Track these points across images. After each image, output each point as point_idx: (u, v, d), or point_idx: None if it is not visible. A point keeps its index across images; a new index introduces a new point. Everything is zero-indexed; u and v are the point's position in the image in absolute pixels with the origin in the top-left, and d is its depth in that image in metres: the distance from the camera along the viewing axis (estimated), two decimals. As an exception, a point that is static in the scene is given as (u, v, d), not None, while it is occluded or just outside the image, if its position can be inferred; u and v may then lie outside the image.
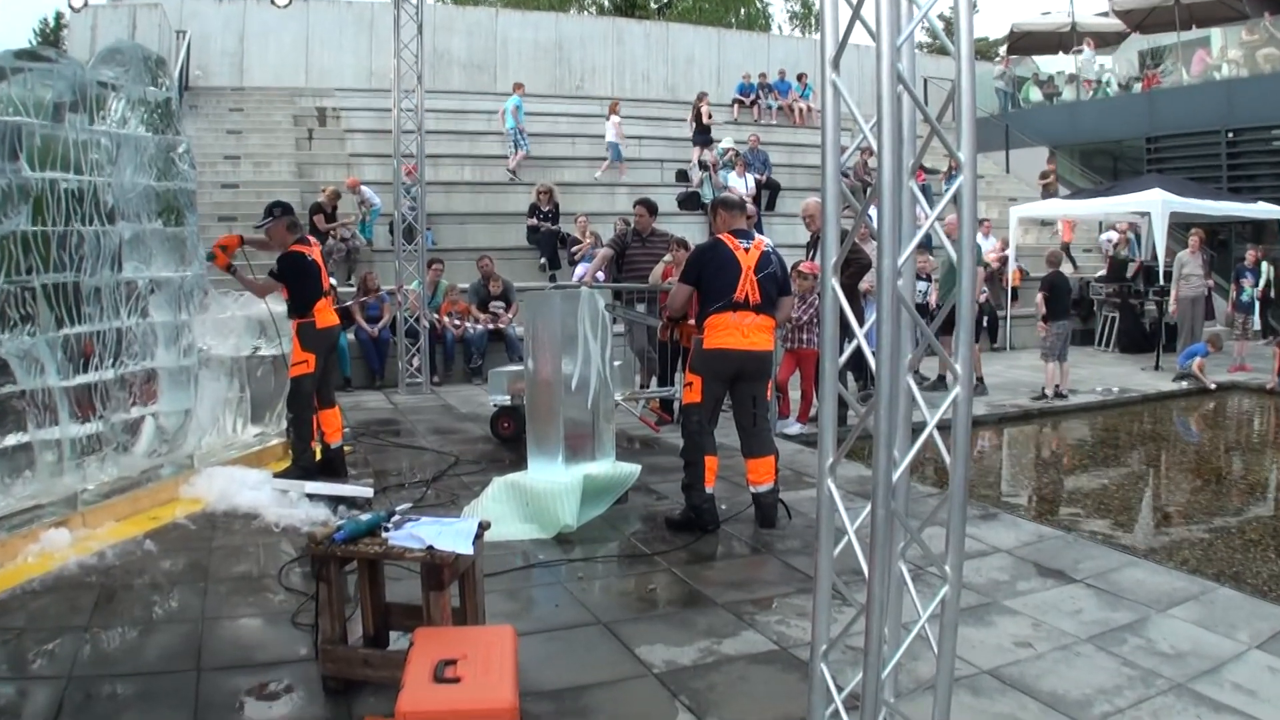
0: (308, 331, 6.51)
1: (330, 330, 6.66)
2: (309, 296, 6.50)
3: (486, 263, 12.41)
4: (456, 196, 16.66)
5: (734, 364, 5.41)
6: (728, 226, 5.60)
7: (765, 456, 5.53)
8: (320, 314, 6.56)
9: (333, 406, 6.83)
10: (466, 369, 12.05)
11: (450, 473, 6.98)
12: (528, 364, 5.94)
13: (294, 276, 6.48)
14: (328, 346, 6.68)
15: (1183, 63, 20.36)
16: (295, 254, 6.50)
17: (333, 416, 6.81)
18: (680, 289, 5.63)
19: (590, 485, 5.71)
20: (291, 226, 6.59)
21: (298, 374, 6.51)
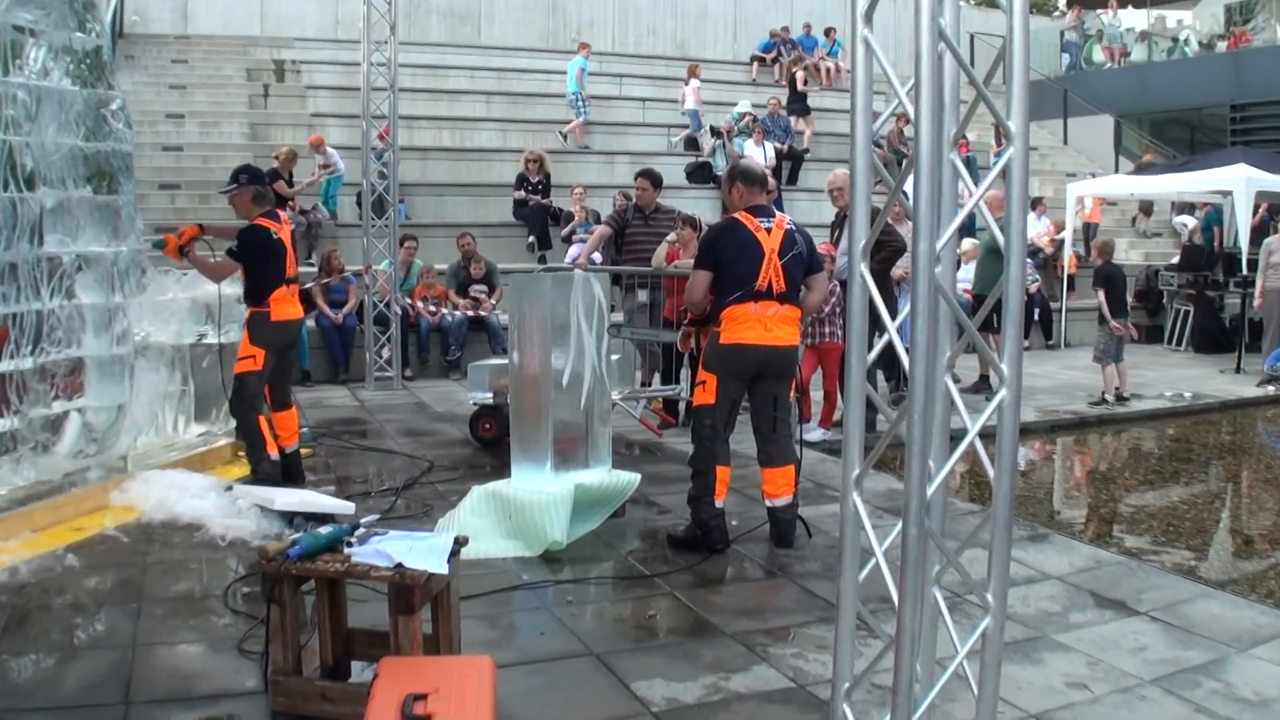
0: (260, 323, 6.45)
1: (288, 325, 6.59)
2: (267, 281, 6.44)
3: (467, 241, 12.43)
4: (434, 165, 16.67)
5: (754, 361, 5.42)
6: (745, 203, 5.57)
7: (785, 466, 5.54)
8: (278, 304, 6.47)
9: (289, 409, 6.82)
10: (443, 362, 12.07)
11: (423, 480, 7.00)
12: (512, 357, 5.95)
13: (252, 256, 6.43)
14: (283, 342, 6.63)
15: (1277, 19, 20.29)
16: (259, 229, 6.44)
17: (288, 419, 6.80)
18: (698, 278, 5.56)
19: (582, 496, 5.71)
20: (258, 198, 6.55)
21: (242, 370, 6.43)
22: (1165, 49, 22.81)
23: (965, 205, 2.45)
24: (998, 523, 2.42)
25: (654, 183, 9.21)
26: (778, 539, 5.57)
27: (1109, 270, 10.88)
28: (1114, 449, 9.72)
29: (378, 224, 11.48)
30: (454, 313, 12.00)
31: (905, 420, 2.35)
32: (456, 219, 15.21)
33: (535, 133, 17.94)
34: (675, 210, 9.47)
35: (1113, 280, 10.74)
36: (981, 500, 7.01)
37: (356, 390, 10.99)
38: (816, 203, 16.42)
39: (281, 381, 6.77)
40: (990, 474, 2.44)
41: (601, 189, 15.61)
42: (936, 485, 2.45)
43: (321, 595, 3.84)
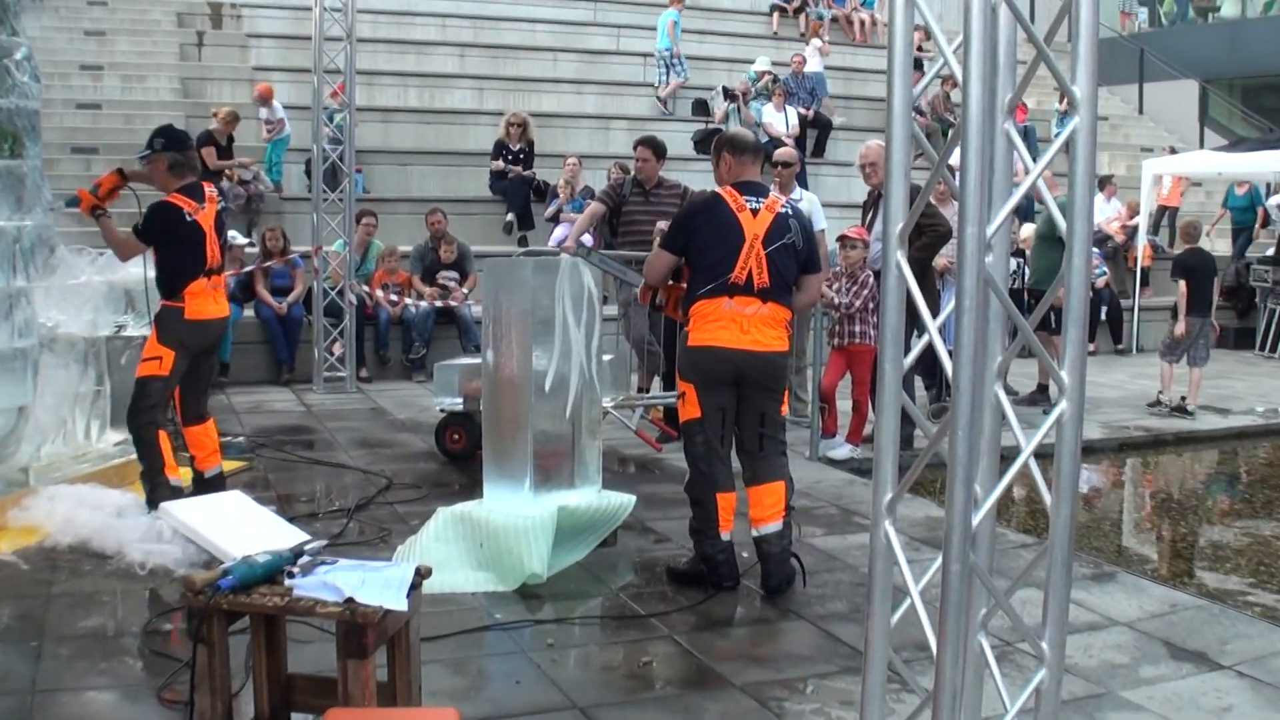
0: (170, 320, 6.25)
1: (205, 325, 6.36)
2: (180, 272, 6.26)
3: (437, 219, 12.45)
4: (397, 129, 16.68)
5: (727, 367, 5.38)
6: (735, 177, 5.57)
7: (773, 482, 5.48)
8: (194, 300, 6.28)
9: (203, 423, 6.55)
10: (405, 361, 12.07)
11: (380, 500, 7.00)
12: (486, 356, 5.95)
13: (160, 239, 6.28)
14: (199, 345, 6.39)
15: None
16: (168, 207, 6.25)
17: (203, 436, 6.56)
18: (658, 259, 5.60)
19: (567, 521, 5.72)
20: (176, 167, 6.33)
21: (145, 373, 6.22)
22: (1262, 2, 22.83)
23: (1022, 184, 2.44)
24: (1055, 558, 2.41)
25: (656, 153, 9.22)
26: (766, 580, 5.45)
27: (1192, 259, 10.79)
28: (1194, 472, 9.73)
29: (330, 197, 11.49)
30: (419, 303, 12.01)
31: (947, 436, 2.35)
32: (423, 193, 15.20)
33: (517, 92, 17.94)
34: (680, 185, 9.48)
35: (1194, 272, 10.67)
36: (1037, 531, 7.01)
37: (302, 393, 10.99)
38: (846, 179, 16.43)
39: (195, 390, 6.51)
40: (1047, 500, 2.43)
41: (594, 160, 15.61)
42: (984, 513, 2.45)
43: (257, 634, 3.83)
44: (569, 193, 14.44)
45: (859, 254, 8.39)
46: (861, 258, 8.38)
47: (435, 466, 8.00)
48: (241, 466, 7.65)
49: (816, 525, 6.64)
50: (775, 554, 5.43)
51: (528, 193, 15.01)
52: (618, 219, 9.30)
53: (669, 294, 5.74)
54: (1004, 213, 2.43)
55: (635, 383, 9.54)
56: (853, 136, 17.65)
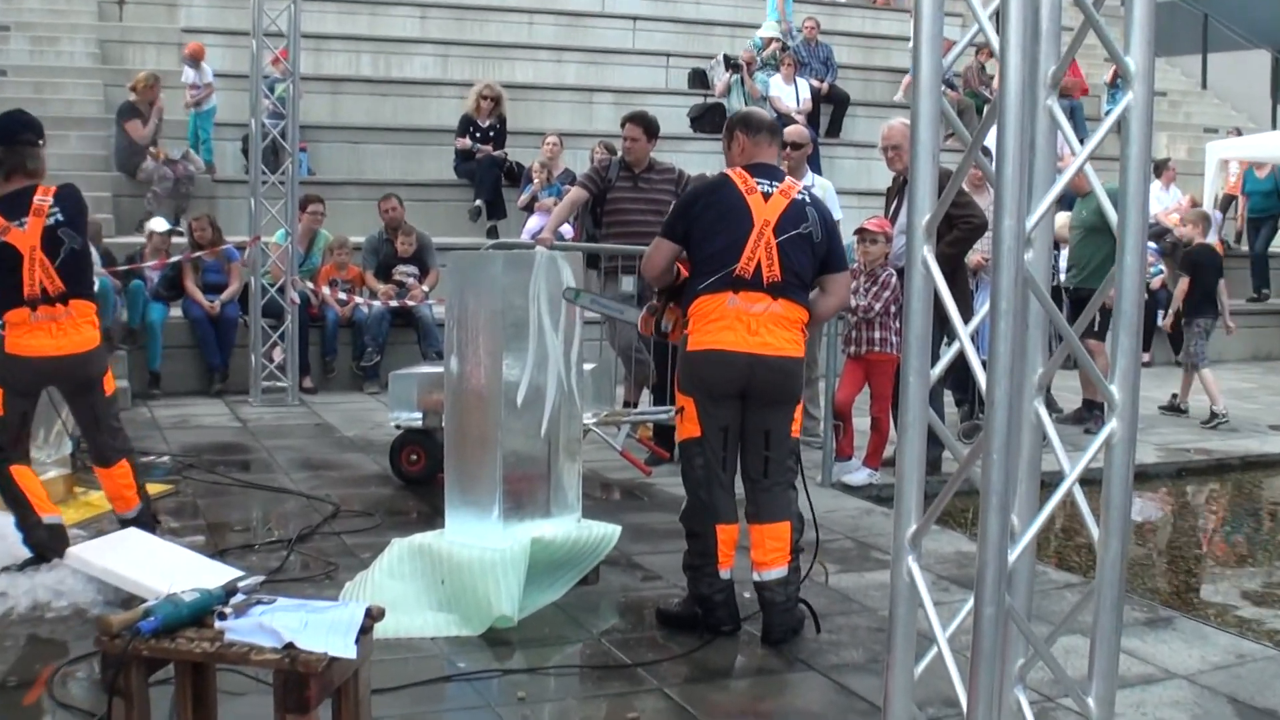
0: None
1: (30, 364, 6.04)
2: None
3: (392, 206, 12.44)
4: (348, 101, 16.69)
5: (733, 375, 5.35)
6: (748, 159, 5.58)
7: (776, 523, 5.45)
8: (14, 332, 6.02)
9: (108, 465, 6.34)
10: (356, 369, 12.05)
11: (326, 529, 6.99)
12: (450, 364, 5.94)
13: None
14: (32, 386, 6.15)
15: None
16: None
17: (111, 480, 6.36)
18: (659, 248, 5.57)
19: (542, 555, 5.71)
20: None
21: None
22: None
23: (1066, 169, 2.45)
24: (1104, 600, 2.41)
25: (647, 131, 9.21)
26: (767, 632, 5.43)
27: (1198, 254, 11.57)
28: (1263, 502, 9.74)
29: (270, 180, 11.47)
30: (372, 303, 11.99)
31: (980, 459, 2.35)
32: (378, 175, 15.17)
33: (487, 60, 17.96)
34: (674, 169, 9.48)
35: (1199, 268, 11.42)
36: (1082, 570, 7.02)
37: (237, 405, 10.96)
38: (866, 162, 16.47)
39: (88, 431, 6.34)
40: (1094, 534, 2.43)
41: (576, 139, 15.62)
42: (1022, 548, 2.45)
43: (183, 685, 3.82)
44: (546, 176, 14.44)
45: (880, 249, 8.38)
46: (883, 254, 8.37)
47: (389, 491, 7.97)
48: (165, 490, 7.62)
49: (830, 561, 6.63)
50: (778, 603, 5.41)
51: (498, 176, 15.00)
52: (601, 207, 9.28)
53: (675, 318, 5.68)
54: (1046, 203, 2.43)
55: (621, 396, 9.53)
56: (873, 114, 17.70)
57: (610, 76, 18.51)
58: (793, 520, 5.48)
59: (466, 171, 15.12)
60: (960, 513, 7.87)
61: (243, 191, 12.28)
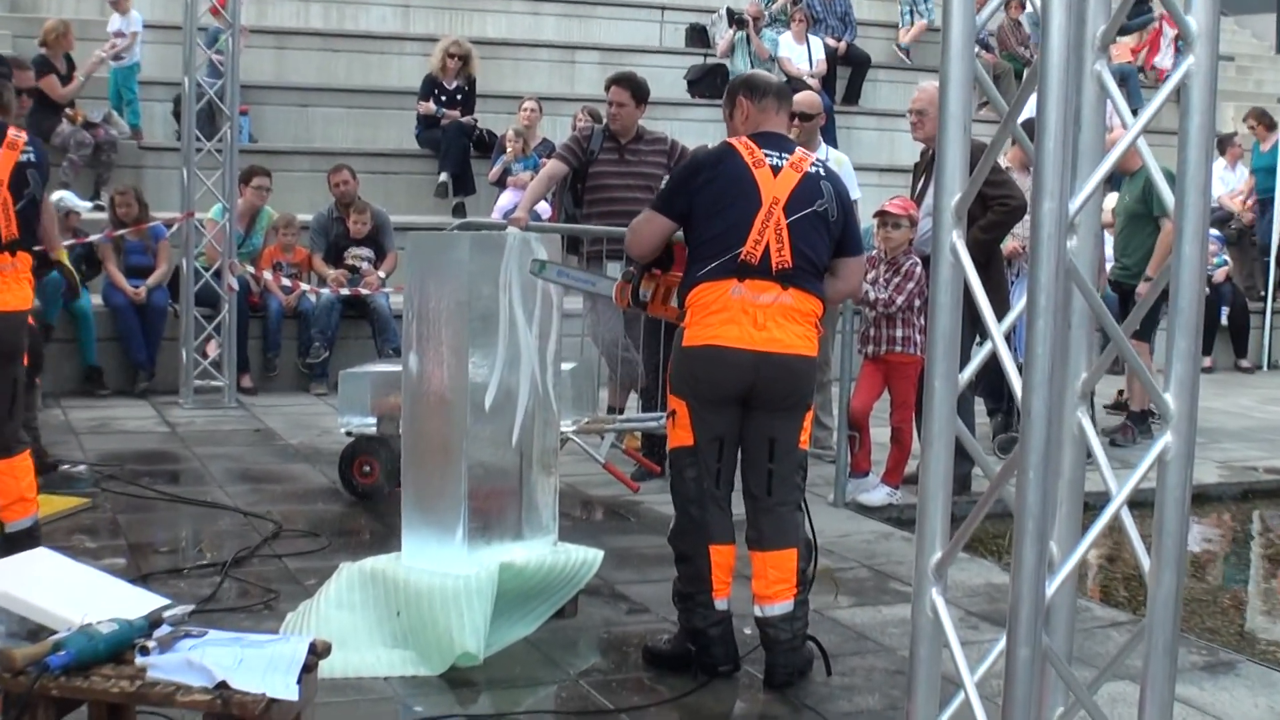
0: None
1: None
2: None
3: (345, 179, 12.44)
4: (295, 58, 16.68)
5: (735, 375, 5.33)
6: (753, 127, 5.58)
7: (781, 550, 5.44)
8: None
9: (12, 456, 6.38)
10: (302, 366, 12.04)
11: (265, 551, 6.98)
12: (409, 362, 5.93)
13: None
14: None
15: None
16: None
17: (6, 475, 6.38)
18: (650, 221, 5.54)
19: (512, 584, 5.70)
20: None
21: None
22: None
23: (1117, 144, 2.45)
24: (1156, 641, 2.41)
25: (636, 95, 9.21)
26: (770, 674, 5.42)
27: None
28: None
29: (206, 148, 11.47)
30: (320, 290, 11.98)
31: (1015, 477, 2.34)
32: (329, 143, 15.16)
33: (454, 11, 17.96)
34: (666, 139, 9.47)
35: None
36: (1132, 605, 7.03)
37: (165, 408, 10.94)
38: (889, 133, 16.51)
39: (3, 406, 6.35)
40: (1144, 564, 2.43)
41: (555, 103, 15.61)
42: (1062, 580, 2.44)
43: (96, 729, 3.80)
44: (521, 147, 14.43)
45: (903, 235, 8.35)
46: (906, 239, 8.36)
47: (339, 508, 7.97)
48: (79, 505, 7.60)
49: (843, 593, 6.64)
50: (783, 641, 5.40)
51: (467, 145, 14.99)
52: (583, 183, 9.28)
53: (656, 285, 5.68)
54: (1093, 183, 2.43)
55: (605, 401, 9.52)
56: (897, 77, 17.73)
57: (595, 32, 18.52)
58: (799, 547, 5.47)
59: (430, 140, 15.11)
60: (992, 539, 7.88)
61: (173, 161, 12.25)
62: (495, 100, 15.54)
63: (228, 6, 11.54)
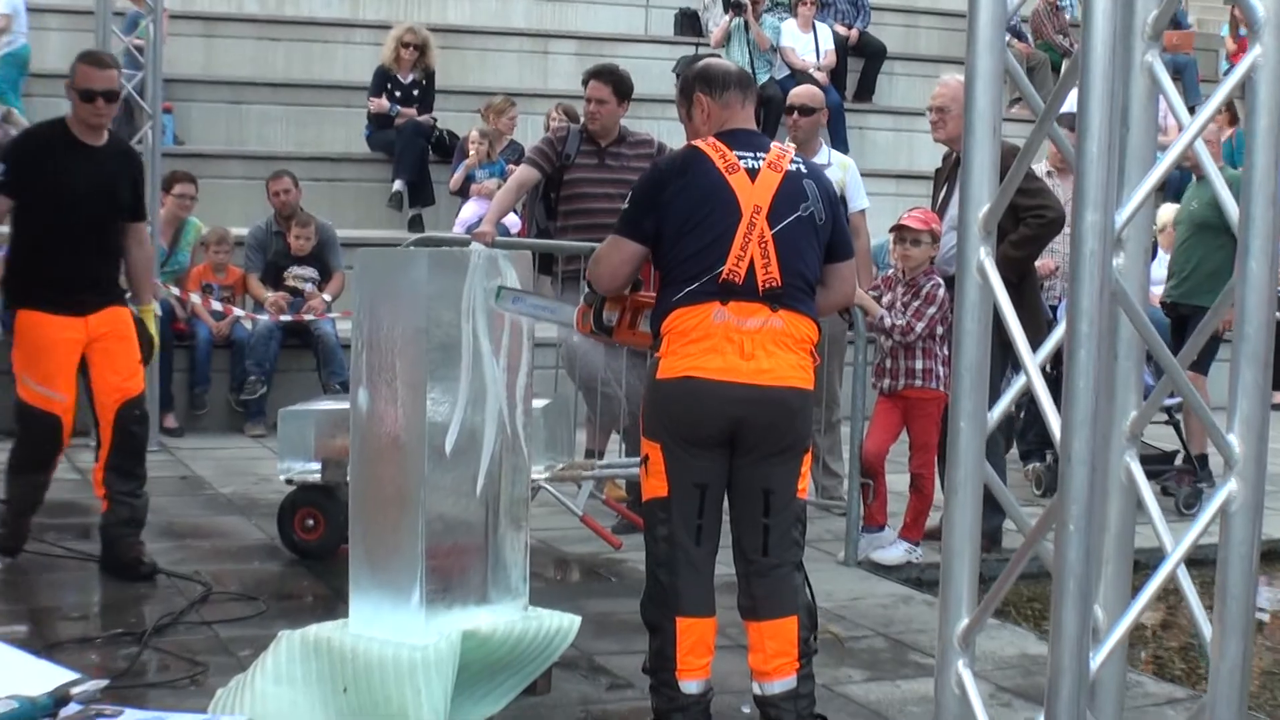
0: None
1: None
2: None
3: (285, 187, 12.46)
4: (226, 47, 16.71)
5: (719, 412, 5.30)
6: (718, 125, 5.59)
7: (778, 619, 5.42)
8: None
9: None
10: (235, 404, 12.01)
11: (192, 617, 6.96)
12: (358, 399, 5.92)
13: None
14: None
15: None
16: None
17: None
18: (618, 249, 5.52)
19: (476, 654, 5.69)
20: None
21: None
22: None
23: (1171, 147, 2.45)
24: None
25: (618, 90, 9.24)
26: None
27: None
28: None
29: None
30: (257, 316, 11.96)
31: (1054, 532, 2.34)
32: (266, 146, 15.19)
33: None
34: (653, 141, 9.50)
35: None
36: (1190, 679, 7.02)
37: (74, 451, 10.84)
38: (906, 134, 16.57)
39: None
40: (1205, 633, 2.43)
41: (527, 99, 15.64)
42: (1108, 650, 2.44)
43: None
44: (486, 150, 14.44)
45: (923, 252, 8.35)
46: (927, 257, 8.36)
47: (278, 567, 7.96)
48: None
49: (855, 665, 6.63)
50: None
51: (424, 149, 15.01)
52: (557, 192, 9.31)
53: (622, 307, 5.65)
54: (1143, 192, 2.43)
55: (583, 443, 9.51)
56: (916, 70, 17.79)
57: (572, 18, 18.59)
58: (800, 613, 5.44)
59: (382, 143, 15.15)
60: (1027, 602, 7.88)
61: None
62: (457, 96, 15.58)
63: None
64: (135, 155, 8.29)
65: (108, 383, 7.46)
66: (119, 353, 7.49)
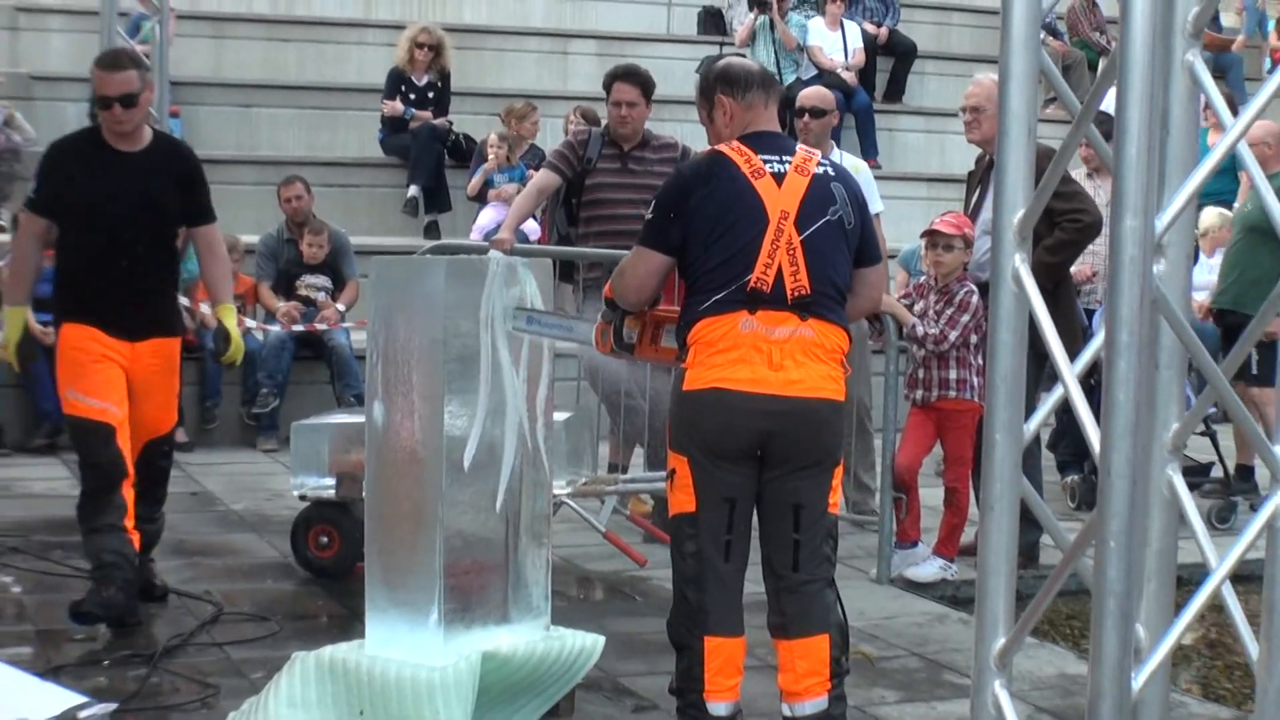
0: None
1: None
2: None
3: (297, 194, 12.49)
4: (236, 49, 16.75)
5: (748, 425, 5.32)
6: (741, 128, 5.60)
7: (808, 637, 5.43)
8: None
9: None
10: (246, 417, 12.03)
11: (202, 638, 6.97)
12: (374, 412, 5.93)
13: None
14: None
15: None
16: None
17: None
18: (644, 261, 5.53)
19: (496, 676, 5.69)
20: None
21: None
22: None
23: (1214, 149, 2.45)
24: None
25: (646, 92, 9.25)
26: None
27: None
28: None
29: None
30: (268, 327, 11.97)
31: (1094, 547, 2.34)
32: (277, 151, 15.20)
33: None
34: (677, 144, 9.50)
35: None
36: (1236, 699, 7.00)
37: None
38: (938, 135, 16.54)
39: None
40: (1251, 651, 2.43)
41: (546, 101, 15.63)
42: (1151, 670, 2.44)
43: None
44: (505, 154, 14.45)
45: (956, 258, 8.32)
46: (960, 263, 8.33)
47: (291, 586, 7.98)
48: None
49: (888, 686, 6.62)
50: None
51: (440, 153, 15.00)
52: (578, 197, 9.32)
53: (642, 323, 5.63)
54: (1184, 195, 2.43)
55: (606, 457, 9.51)
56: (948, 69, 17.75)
57: (592, 17, 18.58)
58: (832, 631, 5.45)
59: (397, 147, 15.15)
60: (1065, 620, 7.86)
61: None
62: (474, 99, 15.57)
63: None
64: (185, 154, 7.96)
65: (143, 415, 7.28)
66: (160, 387, 7.37)
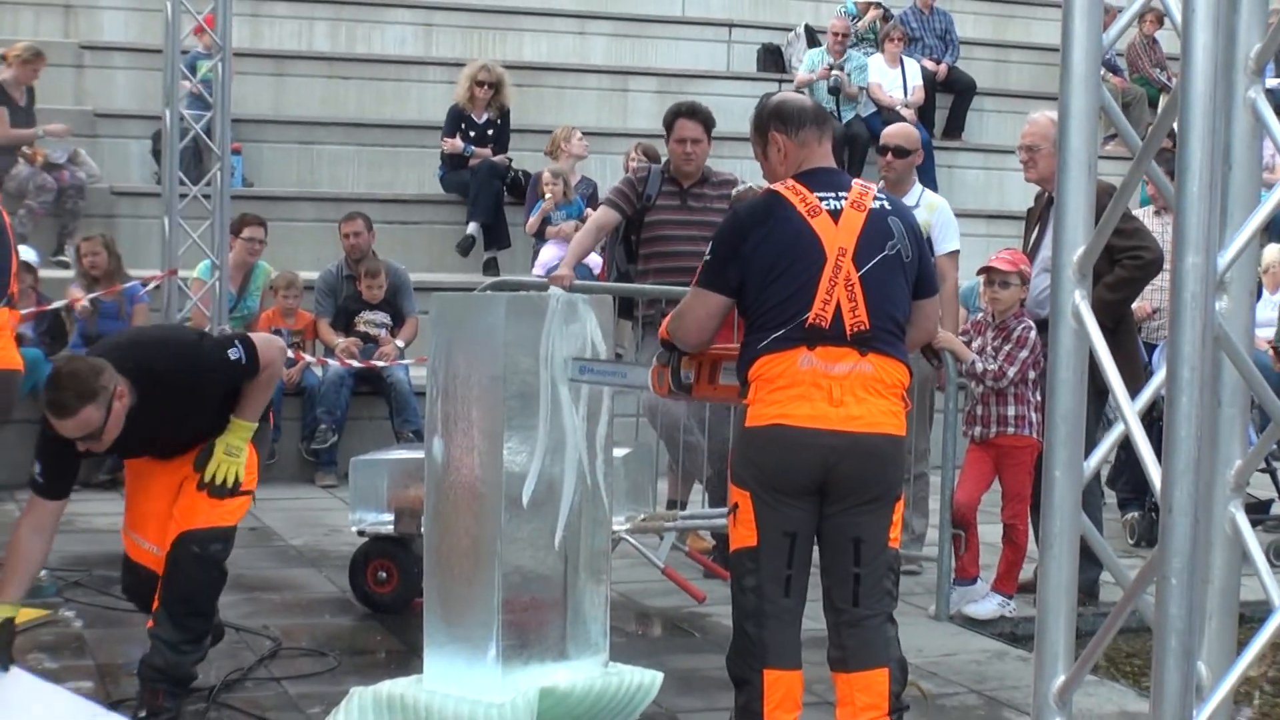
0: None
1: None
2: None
3: (357, 230, 12.51)
4: (297, 86, 16.83)
5: (809, 461, 5.30)
6: (795, 166, 5.59)
7: (869, 670, 5.40)
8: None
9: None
10: (305, 453, 12.05)
11: (260, 673, 6.97)
12: (433, 448, 5.94)
13: None
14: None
15: None
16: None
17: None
18: (703, 303, 5.53)
19: (555, 712, 5.69)
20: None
21: None
22: None
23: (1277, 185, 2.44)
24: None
25: (709, 129, 9.27)
26: None
27: None
28: None
29: (191, 193, 11.55)
30: (328, 362, 12.01)
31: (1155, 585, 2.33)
32: (337, 188, 15.25)
33: (485, 30, 18.05)
34: (736, 179, 9.49)
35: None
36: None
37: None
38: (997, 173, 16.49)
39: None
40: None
41: (604, 139, 15.67)
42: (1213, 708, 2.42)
43: None
44: (563, 191, 14.46)
45: (1014, 295, 8.30)
46: (1017, 300, 8.31)
47: (350, 622, 7.99)
48: (38, 617, 7.61)
49: (949, 723, 6.60)
50: None
51: (500, 190, 15.03)
52: (638, 234, 9.32)
53: (699, 363, 5.63)
54: (1248, 232, 2.42)
55: (665, 493, 9.50)
56: (1006, 106, 17.70)
57: (651, 55, 18.59)
58: (891, 666, 5.42)
59: (456, 184, 15.18)
60: (1126, 658, 7.81)
61: (153, 208, 12.33)
62: (533, 136, 15.56)
63: (216, 25, 11.61)
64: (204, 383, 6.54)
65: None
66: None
